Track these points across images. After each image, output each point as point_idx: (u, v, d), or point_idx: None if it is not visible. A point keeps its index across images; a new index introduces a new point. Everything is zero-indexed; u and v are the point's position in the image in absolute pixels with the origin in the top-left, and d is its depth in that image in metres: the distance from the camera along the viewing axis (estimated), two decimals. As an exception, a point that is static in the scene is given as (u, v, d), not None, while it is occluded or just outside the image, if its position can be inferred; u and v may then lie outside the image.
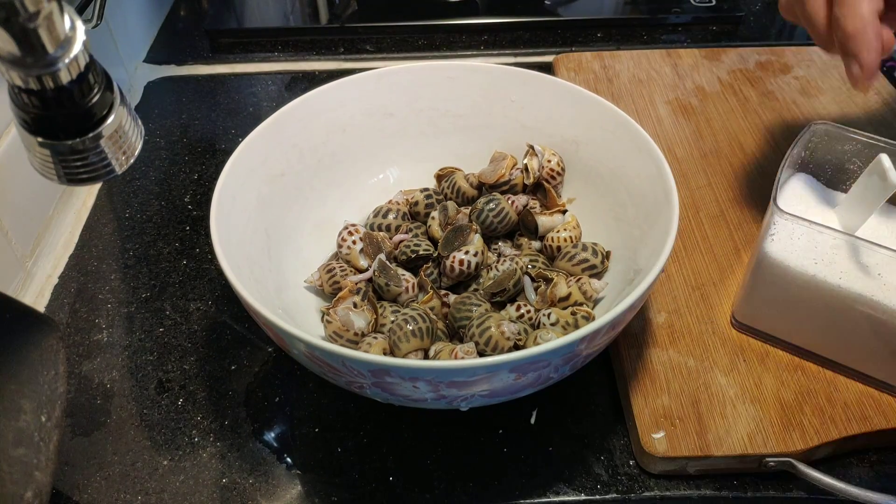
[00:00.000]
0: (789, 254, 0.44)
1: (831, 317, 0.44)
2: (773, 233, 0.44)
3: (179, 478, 0.45)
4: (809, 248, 0.43)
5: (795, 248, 0.43)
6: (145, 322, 0.54)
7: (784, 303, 0.46)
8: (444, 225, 0.52)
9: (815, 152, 0.48)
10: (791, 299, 0.45)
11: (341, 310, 0.46)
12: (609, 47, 0.81)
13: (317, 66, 0.81)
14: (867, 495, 0.41)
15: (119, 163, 0.31)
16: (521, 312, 0.47)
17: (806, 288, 0.44)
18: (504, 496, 0.44)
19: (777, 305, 0.47)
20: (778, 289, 0.46)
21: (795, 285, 0.44)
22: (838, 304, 0.43)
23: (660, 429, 0.44)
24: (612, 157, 0.52)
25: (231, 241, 0.44)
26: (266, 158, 0.51)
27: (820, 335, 0.46)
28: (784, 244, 0.44)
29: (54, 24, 0.26)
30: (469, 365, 0.36)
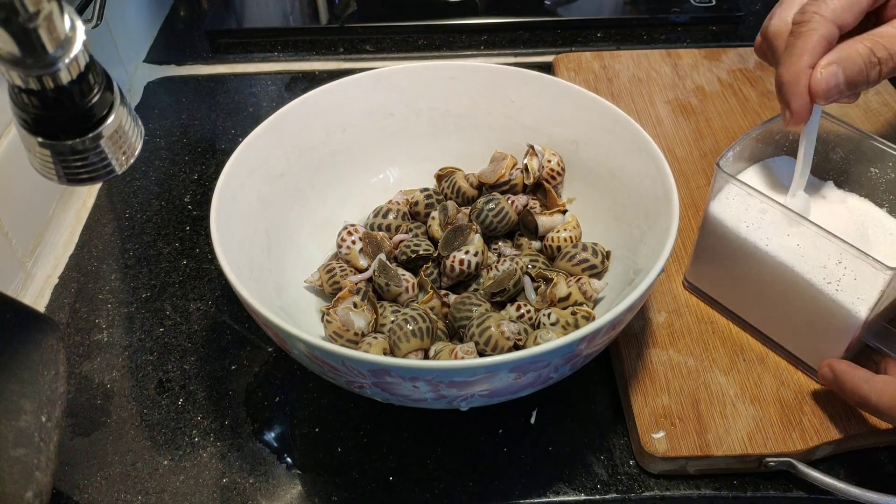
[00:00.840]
0: (727, 215, 0.46)
1: (759, 284, 0.46)
2: (715, 192, 0.46)
3: (180, 478, 0.45)
4: (741, 211, 0.45)
5: (731, 209, 0.46)
6: (145, 322, 0.54)
7: (722, 264, 0.48)
8: (444, 225, 0.52)
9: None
10: (727, 261, 0.47)
11: (341, 310, 0.46)
12: (609, 47, 0.81)
13: (317, 66, 0.81)
14: (867, 495, 0.41)
15: (119, 163, 0.31)
16: (521, 312, 0.47)
17: (738, 250, 0.46)
18: (504, 496, 0.44)
19: (717, 267, 0.49)
20: (717, 249, 0.48)
21: (730, 247, 0.46)
22: (765, 271, 0.45)
23: (660, 429, 0.44)
24: (612, 157, 0.52)
25: (231, 241, 0.44)
26: (266, 158, 0.51)
27: (751, 303, 0.48)
28: (723, 205, 0.46)
29: (54, 24, 0.26)
30: (469, 365, 0.36)
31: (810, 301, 0.43)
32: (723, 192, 0.46)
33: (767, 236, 0.44)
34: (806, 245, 0.42)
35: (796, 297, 0.44)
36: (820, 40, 0.40)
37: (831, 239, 0.40)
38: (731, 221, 0.46)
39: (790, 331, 0.47)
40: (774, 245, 0.44)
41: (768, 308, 0.47)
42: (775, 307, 0.46)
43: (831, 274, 0.42)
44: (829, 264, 0.42)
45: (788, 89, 0.41)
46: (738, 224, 0.45)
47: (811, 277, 0.43)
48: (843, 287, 0.42)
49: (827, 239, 0.40)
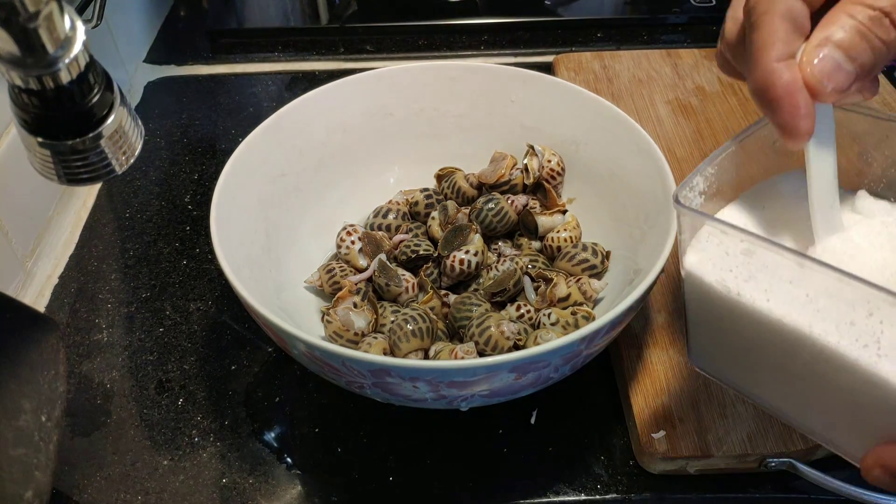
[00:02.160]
0: (706, 267, 0.34)
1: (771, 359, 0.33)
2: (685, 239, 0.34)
3: (179, 478, 0.45)
4: (721, 257, 0.33)
5: (710, 257, 0.34)
6: (145, 322, 0.54)
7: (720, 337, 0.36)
8: (444, 225, 0.52)
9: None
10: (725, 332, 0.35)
11: (341, 310, 0.46)
12: (609, 47, 0.81)
13: (317, 66, 0.81)
14: (867, 495, 0.41)
15: (119, 163, 0.31)
16: (521, 312, 0.47)
17: (731, 313, 0.33)
18: (504, 496, 0.44)
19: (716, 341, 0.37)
20: (707, 317, 0.36)
21: (721, 310, 0.34)
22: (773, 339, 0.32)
23: (660, 429, 0.44)
24: (612, 157, 0.52)
25: (231, 241, 0.44)
26: (266, 158, 0.51)
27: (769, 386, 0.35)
28: (700, 254, 0.34)
29: (54, 24, 0.26)
30: (469, 365, 0.36)
31: (843, 375, 0.30)
32: (695, 238, 0.34)
33: (764, 288, 0.32)
34: (818, 294, 0.30)
35: (826, 369, 0.30)
36: (780, 22, 0.29)
37: (848, 281, 0.28)
38: (713, 274, 0.33)
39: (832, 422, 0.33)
40: (777, 299, 0.31)
41: (794, 391, 0.34)
42: (802, 390, 0.33)
43: (863, 333, 0.29)
44: (856, 319, 0.29)
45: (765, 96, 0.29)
46: (723, 277, 0.33)
47: (837, 341, 0.29)
48: (886, 351, 0.28)
49: (842, 282, 0.28)
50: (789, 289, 0.31)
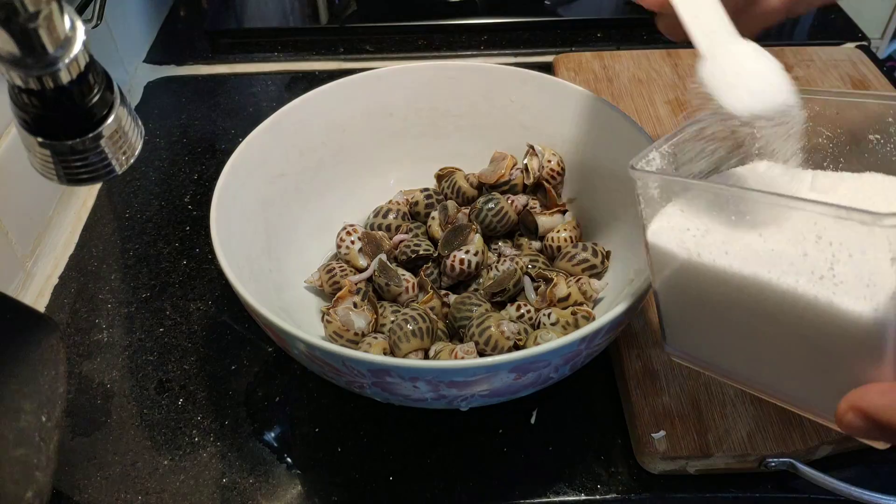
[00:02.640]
0: (666, 234, 0.34)
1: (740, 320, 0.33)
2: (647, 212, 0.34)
3: (180, 477, 0.45)
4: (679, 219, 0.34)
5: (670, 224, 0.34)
6: (145, 322, 0.54)
7: (688, 309, 0.36)
8: (444, 225, 0.52)
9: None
10: (692, 302, 0.35)
11: (341, 310, 0.46)
12: (609, 47, 0.81)
13: (317, 66, 0.81)
14: (867, 495, 0.41)
15: (119, 163, 0.31)
16: (521, 312, 0.47)
17: (694, 277, 0.33)
18: (504, 496, 0.44)
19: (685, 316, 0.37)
20: (673, 289, 0.36)
21: (685, 277, 0.34)
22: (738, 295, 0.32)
23: (660, 429, 0.44)
24: (612, 157, 0.52)
25: (231, 241, 0.44)
26: (266, 158, 0.51)
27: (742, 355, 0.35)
28: (659, 223, 0.34)
29: (54, 24, 0.26)
30: (469, 365, 0.36)
31: (806, 318, 0.29)
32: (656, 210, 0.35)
33: (722, 240, 0.32)
34: (771, 233, 0.30)
35: (790, 318, 0.30)
36: None
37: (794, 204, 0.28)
38: (673, 240, 0.34)
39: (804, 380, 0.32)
40: (735, 250, 0.31)
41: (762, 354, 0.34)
42: (770, 349, 0.33)
43: (818, 262, 0.28)
44: (808, 248, 0.29)
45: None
46: (683, 238, 0.33)
47: (794, 280, 0.29)
48: (841, 276, 0.28)
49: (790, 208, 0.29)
50: (743, 234, 0.31)
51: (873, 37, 1.07)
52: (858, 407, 0.27)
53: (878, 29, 1.10)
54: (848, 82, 0.71)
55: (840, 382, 0.29)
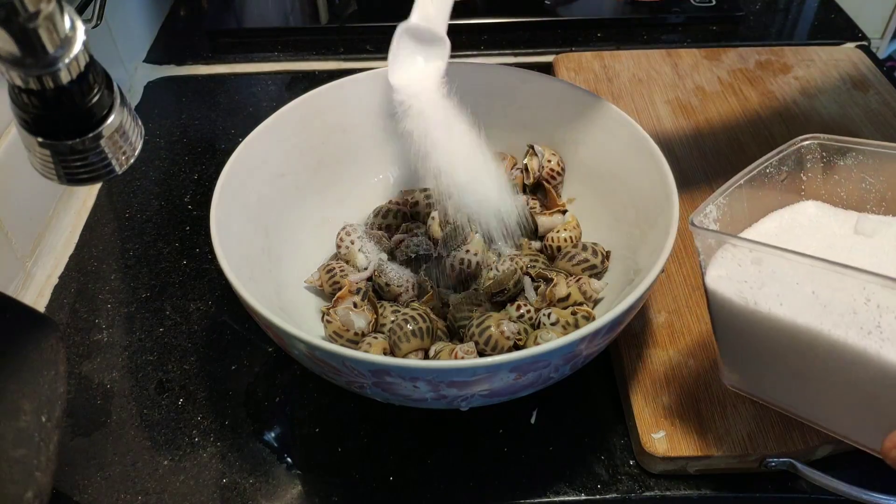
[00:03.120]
0: (724, 283, 0.37)
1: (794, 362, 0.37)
2: (705, 259, 0.38)
3: (180, 478, 0.45)
4: (736, 270, 0.37)
5: (728, 273, 0.37)
6: (145, 322, 0.54)
7: (747, 351, 0.39)
8: (444, 225, 0.52)
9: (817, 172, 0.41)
10: (750, 345, 0.38)
11: (341, 310, 0.46)
12: (609, 47, 0.81)
13: (317, 66, 0.81)
14: (867, 495, 0.41)
15: (119, 163, 0.31)
16: (521, 312, 0.47)
17: (753, 324, 0.37)
18: (504, 496, 0.44)
19: (744, 356, 0.40)
20: (732, 332, 0.39)
21: (744, 323, 0.37)
22: (792, 341, 0.35)
23: (660, 429, 0.44)
24: (612, 157, 0.52)
25: (231, 241, 0.44)
26: (266, 158, 0.51)
27: (797, 390, 0.39)
28: (717, 271, 0.38)
29: (54, 24, 0.26)
30: (469, 365, 0.36)
31: (855, 366, 0.33)
32: (713, 258, 0.38)
33: (776, 294, 0.35)
34: (823, 291, 0.33)
35: (837, 366, 0.34)
36: None
37: (840, 270, 0.31)
38: (731, 288, 0.37)
39: (853, 417, 0.36)
40: (789, 303, 0.35)
41: (815, 392, 0.37)
42: (821, 389, 0.36)
43: (866, 320, 0.32)
44: (858, 307, 0.32)
45: None
46: (740, 289, 0.36)
47: (844, 333, 0.33)
48: (888, 334, 0.32)
49: (838, 273, 0.32)
50: (797, 290, 0.34)
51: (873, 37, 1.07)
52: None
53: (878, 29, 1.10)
54: (848, 82, 0.71)
55: (885, 421, 0.33)
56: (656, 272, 0.40)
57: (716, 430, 0.44)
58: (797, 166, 0.42)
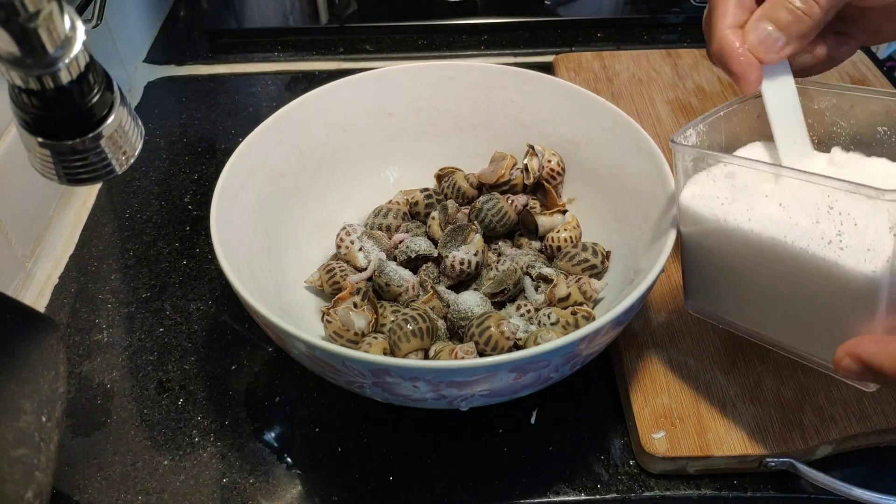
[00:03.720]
0: (697, 200, 0.39)
1: (759, 277, 0.38)
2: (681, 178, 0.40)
3: (180, 478, 0.45)
4: (711, 187, 0.38)
5: (701, 191, 0.39)
6: (145, 322, 0.54)
7: (712, 267, 0.41)
8: (444, 225, 0.52)
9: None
10: (716, 261, 0.40)
11: (341, 310, 0.46)
12: (609, 47, 0.81)
13: (317, 66, 0.81)
14: (867, 495, 0.41)
15: (119, 163, 0.31)
16: (521, 312, 0.47)
17: (721, 240, 0.38)
18: (504, 496, 0.44)
19: (709, 273, 0.41)
20: (700, 248, 0.41)
21: (712, 238, 0.39)
22: (759, 256, 0.37)
23: (660, 428, 0.44)
24: (612, 157, 0.52)
25: (231, 241, 0.44)
26: (266, 158, 0.51)
27: (759, 307, 0.40)
28: (692, 190, 0.39)
29: (54, 24, 0.26)
30: (469, 365, 0.36)
31: (816, 275, 0.34)
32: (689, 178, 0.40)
33: (746, 208, 0.36)
34: (790, 203, 0.35)
35: (800, 277, 0.35)
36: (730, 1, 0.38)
37: (811, 179, 0.33)
38: (704, 206, 0.39)
39: (809, 332, 0.38)
40: (757, 217, 0.36)
41: (774, 309, 0.39)
42: (781, 305, 0.38)
43: (827, 228, 0.33)
44: (821, 217, 0.33)
45: (721, 54, 0.38)
46: (712, 205, 0.38)
47: (806, 245, 0.34)
48: (847, 241, 0.33)
49: (807, 181, 0.33)
50: (766, 203, 0.36)
51: (873, 37, 1.07)
52: (854, 353, 0.33)
53: (878, 29, 1.10)
54: (848, 82, 0.71)
55: (840, 334, 0.34)
56: (656, 272, 0.40)
57: (716, 430, 0.44)
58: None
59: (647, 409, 0.45)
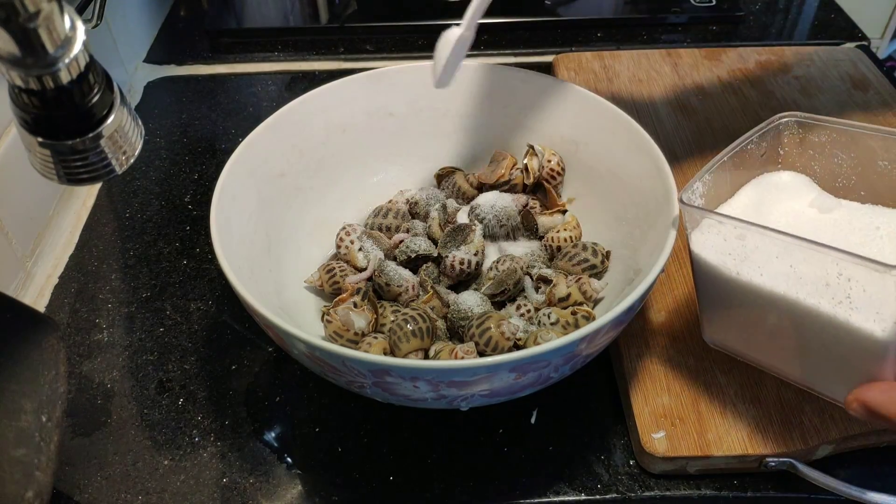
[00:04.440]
0: (710, 252, 0.41)
1: (771, 325, 0.40)
2: (690, 231, 0.42)
3: (180, 477, 0.45)
4: (721, 243, 0.40)
5: (712, 244, 0.41)
6: (145, 322, 0.54)
7: (727, 310, 0.43)
8: (444, 224, 0.52)
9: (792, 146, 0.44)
10: (730, 306, 0.42)
11: (341, 310, 0.46)
12: (609, 47, 0.81)
13: (317, 66, 0.81)
14: (867, 495, 0.41)
15: (119, 163, 0.31)
16: (521, 312, 0.47)
17: (734, 290, 0.40)
18: (504, 496, 0.44)
19: (724, 315, 0.44)
20: (714, 294, 0.43)
21: (725, 287, 0.41)
22: (770, 307, 0.39)
23: (660, 429, 0.44)
24: (612, 157, 0.52)
25: (231, 241, 0.44)
26: (266, 158, 0.51)
27: (772, 349, 0.42)
28: (703, 242, 0.41)
29: (54, 24, 0.26)
30: (469, 365, 0.36)
31: (826, 330, 0.37)
32: (698, 229, 0.41)
33: (758, 265, 0.39)
34: (799, 265, 0.37)
35: (810, 330, 0.38)
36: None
37: (819, 249, 0.35)
38: (716, 259, 0.40)
39: (821, 373, 0.40)
40: (769, 273, 0.38)
41: (789, 351, 0.41)
42: (795, 348, 0.40)
43: (837, 291, 0.36)
44: (830, 280, 0.36)
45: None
46: (724, 260, 0.40)
47: (817, 302, 0.37)
48: (856, 304, 0.36)
49: (816, 250, 0.35)
50: (776, 263, 0.38)
51: (873, 37, 1.07)
52: (862, 399, 0.36)
53: (878, 29, 1.10)
54: (848, 82, 0.71)
55: (850, 376, 0.38)
56: (656, 272, 0.40)
57: (716, 430, 0.44)
58: (775, 141, 0.45)
59: (647, 409, 0.45)
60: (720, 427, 0.44)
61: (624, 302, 0.38)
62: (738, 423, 0.44)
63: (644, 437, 0.44)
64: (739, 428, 0.44)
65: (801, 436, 0.43)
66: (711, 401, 0.46)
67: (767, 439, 0.43)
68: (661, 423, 0.44)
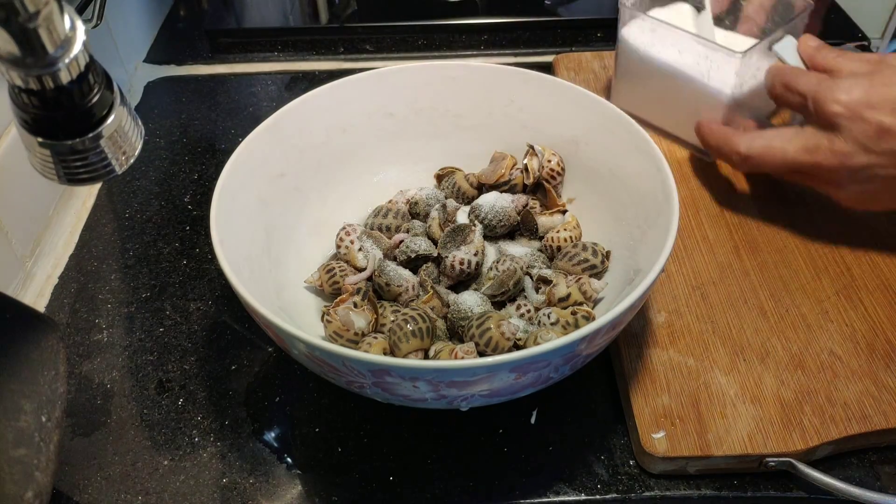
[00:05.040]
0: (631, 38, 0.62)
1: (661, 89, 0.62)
2: (622, 23, 0.63)
3: (180, 478, 0.45)
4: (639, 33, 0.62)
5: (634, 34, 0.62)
6: (145, 322, 0.54)
7: (634, 80, 0.64)
8: (444, 225, 0.52)
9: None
10: (637, 76, 0.64)
11: (341, 309, 0.46)
12: (609, 47, 0.81)
13: (317, 66, 0.81)
14: (867, 495, 0.41)
15: (119, 163, 0.31)
16: (521, 312, 0.47)
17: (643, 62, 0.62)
18: (504, 496, 0.44)
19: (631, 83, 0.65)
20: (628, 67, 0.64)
21: (637, 63, 0.63)
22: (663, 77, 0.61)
23: (660, 429, 0.44)
24: (612, 157, 0.52)
25: (231, 241, 0.44)
26: (266, 158, 0.51)
27: (657, 107, 0.64)
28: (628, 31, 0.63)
29: (54, 24, 0.26)
30: (469, 365, 0.36)
31: (693, 91, 0.59)
32: (629, 23, 0.62)
33: (658, 49, 0.61)
34: (684, 49, 0.59)
35: (684, 91, 0.60)
36: None
37: (696, 40, 0.57)
38: (635, 43, 0.62)
39: (686, 122, 0.60)
40: (665, 54, 0.60)
41: (669, 109, 0.63)
42: (673, 108, 0.62)
43: (702, 67, 0.58)
44: (699, 60, 0.58)
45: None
46: (639, 42, 0.62)
47: (691, 73, 0.59)
48: (712, 76, 0.58)
49: (694, 41, 0.57)
50: (670, 47, 0.60)
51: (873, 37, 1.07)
52: (699, 125, 0.58)
53: (878, 29, 1.10)
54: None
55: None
56: (656, 272, 0.40)
57: (715, 430, 0.44)
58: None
59: (647, 409, 0.45)
60: (720, 427, 0.44)
61: (624, 302, 0.38)
62: (738, 423, 0.44)
63: (644, 437, 0.44)
64: (739, 428, 0.44)
65: (801, 436, 0.43)
66: (711, 401, 0.46)
67: (767, 439, 0.43)
68: (661, 423, 0.44)
